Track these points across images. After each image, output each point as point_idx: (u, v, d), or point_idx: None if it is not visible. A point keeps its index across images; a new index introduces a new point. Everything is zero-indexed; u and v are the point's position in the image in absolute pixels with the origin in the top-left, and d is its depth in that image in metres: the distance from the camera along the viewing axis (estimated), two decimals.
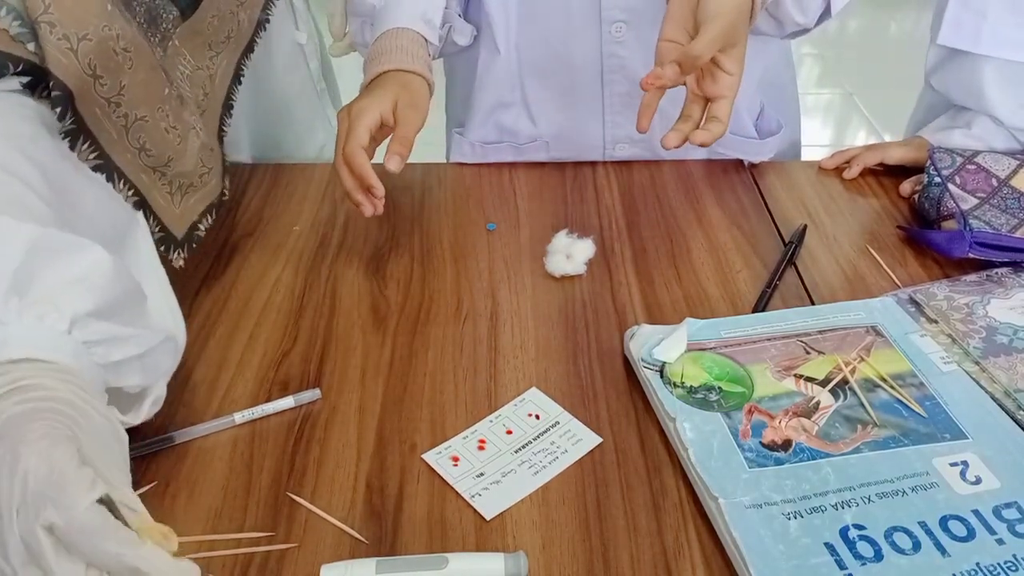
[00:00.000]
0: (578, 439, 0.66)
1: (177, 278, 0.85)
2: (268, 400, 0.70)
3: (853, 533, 0.57)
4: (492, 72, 1.00)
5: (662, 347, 0.71)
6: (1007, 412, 0.66)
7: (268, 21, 0.93)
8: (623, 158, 1.05)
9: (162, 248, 0.74)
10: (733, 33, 0.75)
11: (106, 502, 0.43)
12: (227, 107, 0.87)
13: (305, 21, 1.05)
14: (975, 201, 0.87)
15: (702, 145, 0.78)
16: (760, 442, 0.63)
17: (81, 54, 0.62)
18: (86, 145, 0.65)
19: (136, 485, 0.62)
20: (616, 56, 0.96)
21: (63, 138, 0.64)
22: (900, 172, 0.99)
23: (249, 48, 0.90)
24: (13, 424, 0.45)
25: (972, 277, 0.80)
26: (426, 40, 0.90)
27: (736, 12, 0.75)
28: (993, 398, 0.67)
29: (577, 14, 0.94)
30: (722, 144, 1.04)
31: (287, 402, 0.70)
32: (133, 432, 0.67)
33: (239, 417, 0.68)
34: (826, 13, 0.92)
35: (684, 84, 0.79)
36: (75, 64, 0.62)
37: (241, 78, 0.89)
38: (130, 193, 0.70)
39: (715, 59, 0.76)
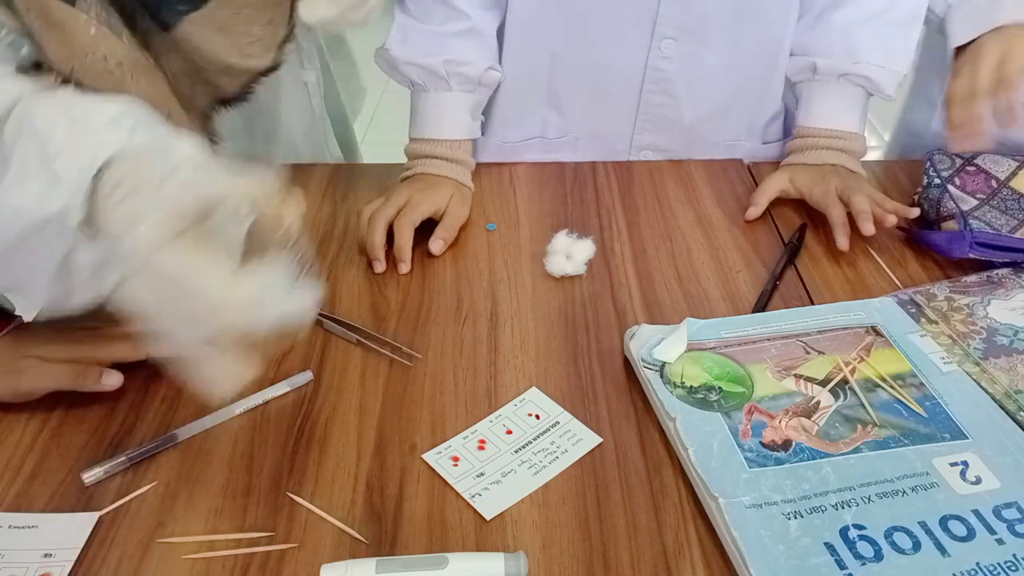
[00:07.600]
0: (578, 439, 0.66)
1: None
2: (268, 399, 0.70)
3: (853, 533, 0.57)
4: (519, 69, 0.99)
5: (662, 347, 0.71)
6: (1007, 413, 0.66)
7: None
8: None
9: None
10: None
11: None
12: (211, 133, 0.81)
13: (312, 60, 1.03)
14: (975, 202, 0.87)
15: None
16: (760, 442, 0.63)
17: (74, 82, 0.65)
18: None
19: (136, 485, 0.63)
20: (660, 70, 0.97)
21: None
22: (900, 173, 0.99)
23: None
24: None
25: (972, 278, 0.80)
26: (473, 141, 0.98)
27: None
28: (993, 399, 0.67)
29: (628, 26, 0.95)
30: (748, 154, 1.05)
31: (281, 387, 0.70)
32: (134, 433, 0.67)
33: (239, 407, 0.69)
34: None
35: None
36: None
37: (228, 106, 0.82)
38: None
39: None
